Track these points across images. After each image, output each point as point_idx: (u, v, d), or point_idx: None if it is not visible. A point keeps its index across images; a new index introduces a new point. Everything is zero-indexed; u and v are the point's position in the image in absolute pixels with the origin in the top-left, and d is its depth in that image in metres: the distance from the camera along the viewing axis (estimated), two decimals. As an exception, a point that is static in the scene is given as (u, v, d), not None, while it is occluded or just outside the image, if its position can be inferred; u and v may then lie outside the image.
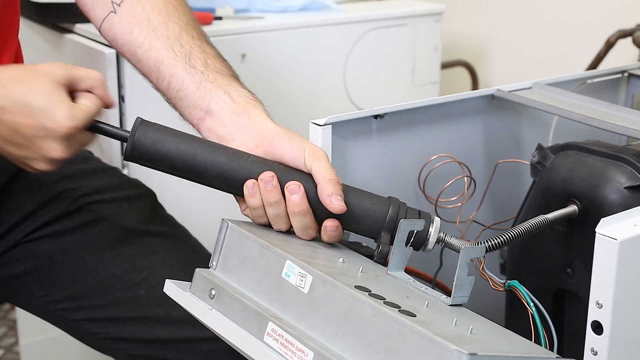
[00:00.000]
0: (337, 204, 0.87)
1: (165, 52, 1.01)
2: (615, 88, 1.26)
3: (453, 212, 1.04)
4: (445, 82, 2.08)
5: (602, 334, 0.71)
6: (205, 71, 1.00)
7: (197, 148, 0.90)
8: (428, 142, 1.08)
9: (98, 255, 1.16)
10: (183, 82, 0.99)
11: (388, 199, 0.90)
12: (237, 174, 0.90)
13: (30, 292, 1.18)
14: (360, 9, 1.87)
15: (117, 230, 1.17)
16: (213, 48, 1.05)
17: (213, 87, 0.98)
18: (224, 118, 0.96)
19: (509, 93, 1.11)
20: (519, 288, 0.82)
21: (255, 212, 0.90)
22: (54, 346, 1.87)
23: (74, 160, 1.22)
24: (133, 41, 1.04)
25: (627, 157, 0.94)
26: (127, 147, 0.89)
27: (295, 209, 0.88)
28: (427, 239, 0.88)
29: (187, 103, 0.99)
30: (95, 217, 1.17)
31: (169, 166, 0.90)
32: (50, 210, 1.17)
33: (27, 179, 1.18)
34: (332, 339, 0.74)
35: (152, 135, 0.89)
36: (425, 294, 0.82)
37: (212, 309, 0.84)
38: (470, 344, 0.69)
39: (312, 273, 0.79)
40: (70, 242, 1.17)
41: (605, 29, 1.67)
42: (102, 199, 1.19)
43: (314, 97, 1.76)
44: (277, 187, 0.88)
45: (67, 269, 1.16)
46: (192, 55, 1.01)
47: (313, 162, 0.89)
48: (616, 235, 0.70)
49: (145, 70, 1.04)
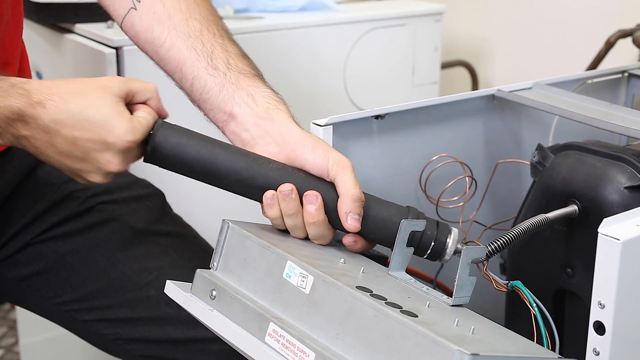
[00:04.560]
0: (353, 224, 0.87)
1: (187, 52, 1.00)
2: (615, 88, 1.26)
3: (453, 212, 1.04)
4: (445, 82, 2.08)
5: (604, 334, 0.71)
6: (227, 72, 0.98)
7: (218, 154, 0.89)
8: (428, 142, 1.08)
9: (108, 256, 1.16)
10: (206, 85, 0.98)
11: (407, 209, 0.89)
12: (257, 181, 0.89)
13: (39, 293, 1.18)
14: (360, 9, 1.87)
15: (127, 230, 1.17)
16: (235, 45, 1.03)
17: (236, 89, 0.97)
18: (247, 122, 0.95)
19: (509, 93, 1.11)
20: (521, 288, 0.82)
21: (275, 221, 0.90)
22: (54, 346, 1.87)
23: None
24: (155, 40, 1.03)
25: (627, 157, 0.94)
26: (148, 150, 0.88)
27: (310, 220, 0.88)
28: (445, 249, 0.87)
29: (211, 106, 0.98)
30: (105, 218, 1.17)
31: (188, 171, 0.90)
32: (60, 211, 1.17)
33: (37, 180, 1.18)
34: (333, 340, 0.74)
35: (173, 138, 0.88)
36: (427, 294, 0.82)
37: (213, 310, 0.83)
38: (472, 345, 0.69)
39: (313, 273, 0.79)
40: (80, 242, 1.16)
41: (605, 29, 1.67)
42: (112, 199, 1.18)
43: (314, 97, 1.76)
44: (296, 200, 0.88)
45: (77, 269, 1.16)
46: (214, 55, 0.99)
47: (337, 173, 0.89)
48: (618, 235, 0.70)
49: (168, 70, 1.03)
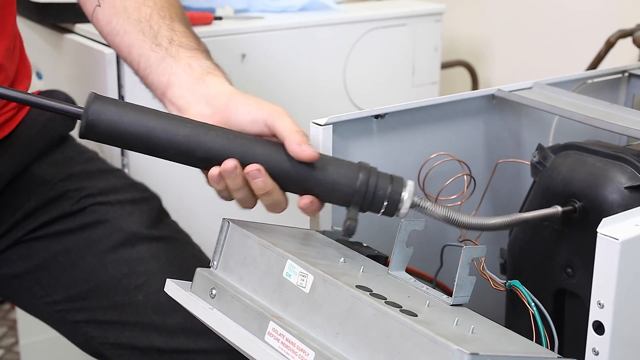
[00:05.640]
0: (309, 151, 0.85)
1: (136, 35, 1.03)
2: (615, 88, 1.26)
3: (454, 211, 1.04)
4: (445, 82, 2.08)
5: (603, 334, 0.71)
6: (169, 47, 1.00)
7: (154, 127, 0.86)
8: (428, 142, 1.08)
9: (99, 257, 1.16)
10: (148, 60, 1.00)
11: (357, 165, 0.87)
12: (197, 153, 0.87)
13: (31, 292, 1.18)
14: (360, 9, 1.87)
15: (119, 233, 1.17)
16: (185, 26, 1.04)
17: (174, 61, 0.98)
18: (182, 88, 0.96)
19: (509, 93, 1.11)
20: (519, 288, 0.82)
21: (221, 193, 0.89)
22: (54, 346, 1.87)
23: (79, 160, 1.22)
24: (112, 30, 1.06)
25: (627, 157, 0.94)
26: (82, 125, 0.86)
27: (261, 192, 0.87)
28: (400, 204, 0.86)
29: (152, 79, 1.00)
30: (98, 219, 1.17)
31: (125, 145, 0.88)
32: (53, 209, 1.17)
33: (32, 176, 1.18)
34: (333, 339, 0.74)
35: (107, 113, 0.86)
36: (427, 293, 0.82)
37: (213, 309, 0.83)
38: (472, 344, 0.70)
39: (313, 273, 0.79)
40: (72, 242, 1.16)
41: (605, 29, 1.67)
42: (106, 201, 1.18)
43: (314, 97, 1.76)
44: (240, 175, 0.87)
45: (68, 269, 1.16)
46: (159, 35, 1.01)
47: (275, 119, 0.88)
48: (618, 235, 0.70)
49: (123, 56, 1.05)
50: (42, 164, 1.19)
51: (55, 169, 1.20)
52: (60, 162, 1.21)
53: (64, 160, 1.22)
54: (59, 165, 1.21)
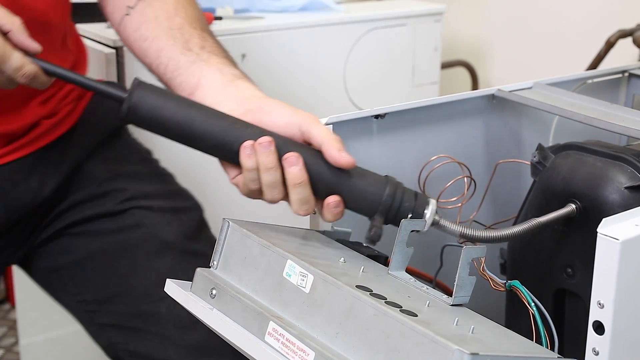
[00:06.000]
0: (348, 157, 0.86)
1: (166, 40, 1.04)
2: (615, 88, 1.26)
3: (452, 212, 1.04)
4: (445, 82, 2.08)
5: (603, 334, 0.71)
6: (200, 52, 1.01)
7: (195, 117, 0.88)
8: (428, 142, 1.08)
9: (133, 263, 1.15)
10: (178, 62, 1.01)
11: (385, 178, 0.88)
12: (234, 147, 0.88)
13: (65, 288, 1.19)
14: (360, 9, 1.87)
15: (155, 240, 1.16)
16: (214, 39, 1.06)
17: (205, 65, 1.00)
18: (212, 89, 0.97)
19: (509, 93, 1.11)
20: (519, 288, 0.82)
21: (250, 175, 0.88)
22: (54, 346, 1.87)
23: (130, 159, 1.22)
24: (140, 36, 1.07)
25: (627, 157, 0.94)
26: (124, 109, 0.88)
27: (296, 180, 0.86)
28: (422, 219, 0.87)
29: (180, 80, 1.00)
30: (137, 223, 1.17)
31: (163, 131, 0.89)
32: (96, 206, 1.17)
33: (82, 171, 1.18)
34: (333, 339, 0.74)
35: (149, 99, 0.88)
36: (427, 293, 0.82)
37: (213, 309, 0.83)
38: (472, 344, 0.69)
39: (313, 273, 0.79)
40: (110, 243, 1.16)
41: (605, 29, 1.67)
42: (148, 206, 1.18)
43: (314, 97, 1.76)
44: (275, 153, 0.87)
45: (102, 270, 1.16)
46: (190, 41, 1.03)
47: (310, 125, 0.88)
48: (618, 235, 0.70)
49: (148, 61, 1.06)
50: (94, 159, 1.19)
51: (105, 166, 1.20)
52: (111, 160, 1.21)
53: (116, 158, 1.22)
54: (109, 163, 1.20)
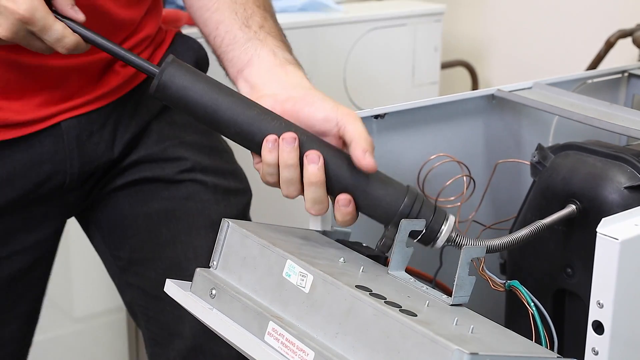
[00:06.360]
0: (370, 160, 0.85)
1: (227, 13, 1.04)
2: (615, 88, 1.26)
3: (451, 211, 1.04)
4: (445, 82, 2.08)
5: (603, 334, 0.71)
6: (258, 31, 1.01)
7: (221, 103, 0.89)
8: (428, 142, 1.08)
9: (173, 233, 1.16)
10: (235, 37, 1.01)
11: (406, 188, 0.88)
12: (256, 137, 0.88)
13: (104, 240, 1.20)
14: (360, 9, 1.87)
15: (200, 217, 1.16)
16: (275, 21, 1.06)
17: (260, 44, 1.00)
18: (262, 69, 0.97)
19: (509, 93, 1.11)
20: (519, 288, 0.82)
21: (269, 169, 0.89)
22: (54, 346, 1.87)
23: (196, 128, 1.21)
24: (204, 5, 1.07)
25: (627, 157, 0.94)
26: (153, 85, 0.89)
27: (312, 179, 0.86)
28: (438, 236, 0.87)
29: (233, 55, 1.01)
30: (188, 195, 1.17)
31: (189, 112, 0.90)
32: (155, 169, 1.18)
33: (151, 131, 1.18)
34: (333, 339, 0.75)
35: (179, 80, 0.88)
36: (426, 293, 0.82)
37: (213, 309, 0.84)
38: (472, 344, 0.70)
39: (313, 273, 0.79)
40: (156, 210, 1.17)
41: (605, 29, 1.67)
42: (203, 180, 1.18)
43: (314, 97, 1.76)
44: (297, 150, 0.87)
45: (142, 233, 1.17)
46: (251, 19, 1.03)
47: (349, 121, 0.88)
48: (617, 235, 0.70)
49: (207, 31, 1.07)
50: (161, 120, 1.19)
51: (171, 130, 1.20)
52: (178, 125, 1.21)
53: (182, 125, 1.21)
54: (175, 128, 1.20)
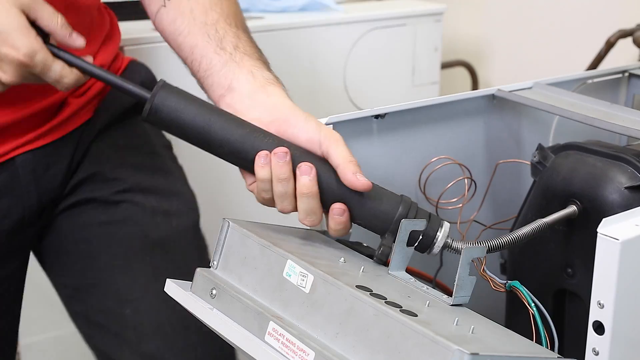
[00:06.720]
0: (364, 181, 0.86)
1: (200, 36, 1.04)
2: (615, 88, 1.26)
3: (452, 213, 1.04)
4: (445, 82, 2.08)
5: (603, 334, 0.71)
6: (233, 53, 1.01)
7: (213, 123, 0.89)
8: (428, 142, 1.08)
9: (111, 259, 1.16)
10: (211, 62, 1.01)
11: (400, 198, 0.89)
12: (250, 155, 0.89)
13: (52, 268, 1.20)
14: (360, 9, 1.87)
15: (138, 241, 1.16)
16: (249, 36, 1.06)
17: (238, 67, 1.00)
18: (243, 94, 0.97)
19: (509, 93, 1.11)
20: (519, 288, 0.82)
21: (263, 185, 0.89)
22: (54, 346, 1.87)
23: (141, 150, 1.21)
24: (175, 30, 1.07)
25: (627, 157, 0.94)
26: (146, 109, 0.89)
27: (304, 190, 0.87)
28: (434, 242, 0.87)
29: (212, 80, 1.01)
30: (126, 218, 1.17)
31: (182, 135, 0.91)
32: (95, 190, 1.17)
33: (95, 152, 1.18)
34: (333, 339, 0.74)
35: (171, 102, 0.89)
36: (427, 293, 0.82)
37: (213, 309, 0.83)
38: (472, 344, 0.69)
39: (313, 273, 0.79)
40: (96, 234, 1.17)
41: (605, 29, 1.67)
42: (142, 202, 1.18)
43: (314, 97, 1.76)
44: (289, 164, 0.87)
45: (83, 259, 1.17)
46: (224, 40, 1.03)
47: (330, 145, 0.88)
48: (618, 235, 0.70)
49: (183, 56, 1.07)
50: (102, 142, 1.19)
51: (112, 152, 1.20)
52: (119, 146, 1.21)
53: (124, 146, 1.21)
54: (117, 149, 1.20)
